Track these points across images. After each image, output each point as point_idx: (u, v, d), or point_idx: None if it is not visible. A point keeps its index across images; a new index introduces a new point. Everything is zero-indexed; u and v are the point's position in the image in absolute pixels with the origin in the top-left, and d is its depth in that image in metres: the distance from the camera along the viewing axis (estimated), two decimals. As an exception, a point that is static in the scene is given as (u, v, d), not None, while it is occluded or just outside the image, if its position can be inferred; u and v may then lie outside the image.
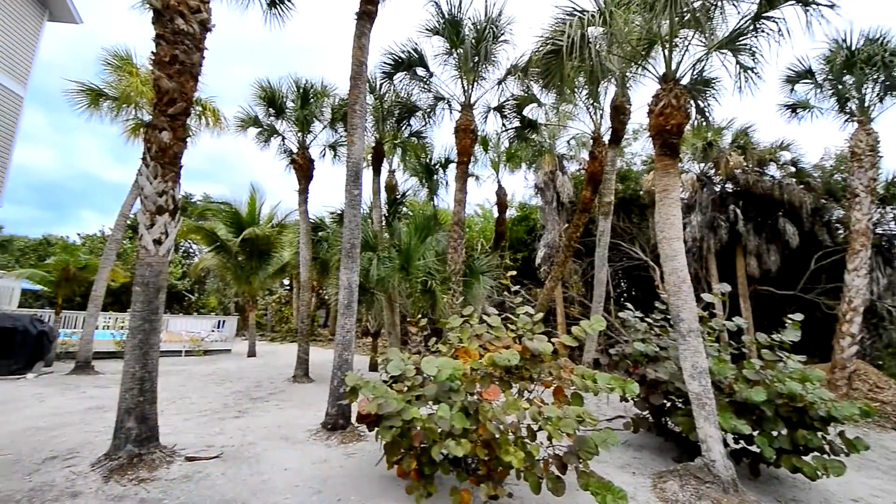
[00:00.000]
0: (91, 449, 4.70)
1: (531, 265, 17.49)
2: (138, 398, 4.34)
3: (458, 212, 9.37)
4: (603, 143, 10.87)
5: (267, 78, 10.79)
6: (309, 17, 9.33)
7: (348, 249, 6.13)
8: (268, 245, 14.83)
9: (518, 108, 11.19)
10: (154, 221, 4.52)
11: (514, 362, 3.98)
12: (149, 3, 5.08)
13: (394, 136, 12.54)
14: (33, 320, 9.56)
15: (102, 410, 6.47)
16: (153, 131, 4.66)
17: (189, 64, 4.90)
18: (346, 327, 5.97)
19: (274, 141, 11.80)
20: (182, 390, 8.23)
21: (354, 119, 6.53)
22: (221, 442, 5.22)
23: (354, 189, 6.35)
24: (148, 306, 4.44)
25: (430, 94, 11.11)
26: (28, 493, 3.65)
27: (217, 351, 15.37)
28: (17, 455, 4.46)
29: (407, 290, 8.40)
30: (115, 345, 12.34)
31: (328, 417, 5.79)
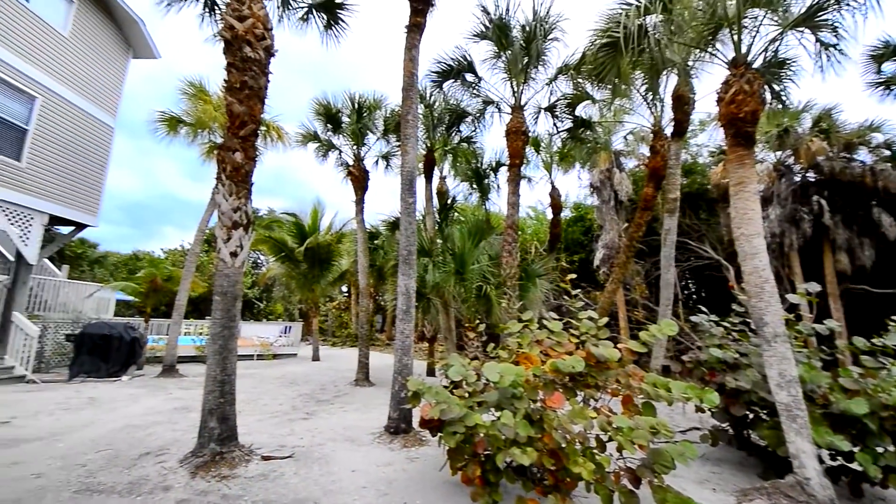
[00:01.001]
0: (179, 446, 5.12)
1: (589, 267, 16.90)
2: (219, 400, 4.69)
3: (512, 215, 9.27)
4: (664, 137, 10.29)
5: (325, 94, 11.36)
6: (361, 33, 9.74)
7: (405, 256, 6.25)
8: (328, 254, 15.51)
9: (570, 106, 10.89)
10: (230, 235, 4.89)
11: (578, 369, 3.84)
12: (220, 35, 5.52)
13: (444, 142, 12.69)
14: (127, 328, 10.64)
15: (187, 411, 7.05)
16: (227, 152, 5.04)
17: (256, 88, 5.27)
18: (405, 332, 6.08)
19: (331, 154, 12.37)
20: (255, 392, 8.79)
21: (407, 129, 6.67)
22: (292, 442, 5.49)
23: (409, 197, 6.47)
24: (226, 314, 4.79)
25: (478, 99, 11.13)
26: (127, 486, 4.03)
27: (284, 355, 16.27)
28: (116, 451, 4.95)
29: (462, 294, 8.42)
30: (195, 350, 13.45)
31: (390, 421, 5.91)
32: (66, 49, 10.12)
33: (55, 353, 10.48)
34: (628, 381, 4.04)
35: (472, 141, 12.45)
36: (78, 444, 5.12)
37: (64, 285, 12.85)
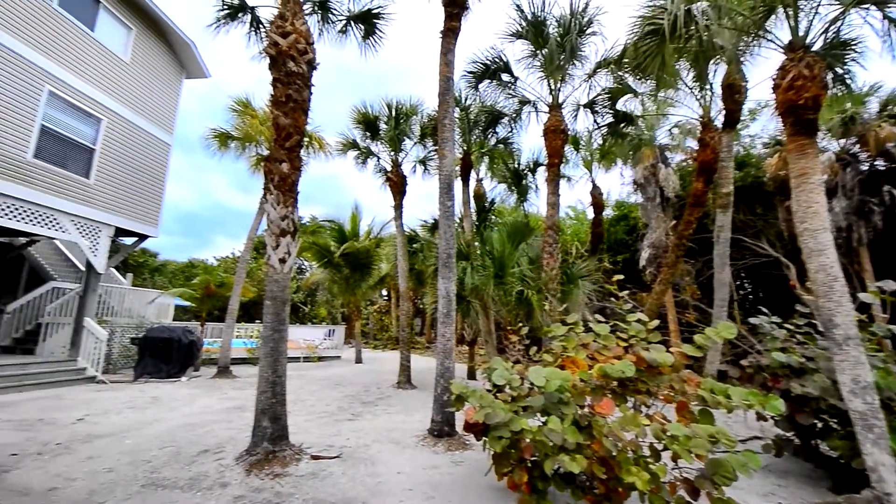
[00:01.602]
0: (234, 444, 5.37)
1: (634, 267, 16.27)
2: (271, 400, 4.88)
3: (552, 215, 9.09)
4: (714, 128, 9.77)
5: (363, 102, 11.66)
6: (397, 39, 9.90)
7: (445, 259, 6.27)
8: (367, 258, 15.85)
9: (611, 101, 10.56)
10: (279, 243, 5.09)
11: (628, 374, 3.69)
12: (265, 52, 5.78)
13: (480, 145, 12.66)
14: (185, 331, 11.31)
15: (241, 410, 7.38)
16: (274, 163, 5.27)
17: (300, 101, 5.47)
18: (447, 336, 6.09)
19: (370, 161, 12.65)
20: (302, 393, 9.09)
21: (444, 133, 6.71)
22: (339, 443, 5.62)
23: (448, 200, 6.50)
24: (276, 318, 4.99)
25: (514, 99, 11.01)
26: (188, 481, 4.26)
27: (329, 357, 16.75)
28: (177, 448, 5.26)
29: (502, 298, 8.34)
30: (247, 352, 14.12)
31: (434, 424, 5.93)
32: (127, 73, 10.95)
33: (121, 356, 11.32)
34: (683, 386, 3.84)
35: (509, 142, 12.35)
36: (143, 440, 5.48)
37: (128, 292, 13.86)
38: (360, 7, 7.37)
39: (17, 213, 8.50)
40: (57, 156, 9.27)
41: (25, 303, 11.21)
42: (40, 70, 8.81)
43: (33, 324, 11.11)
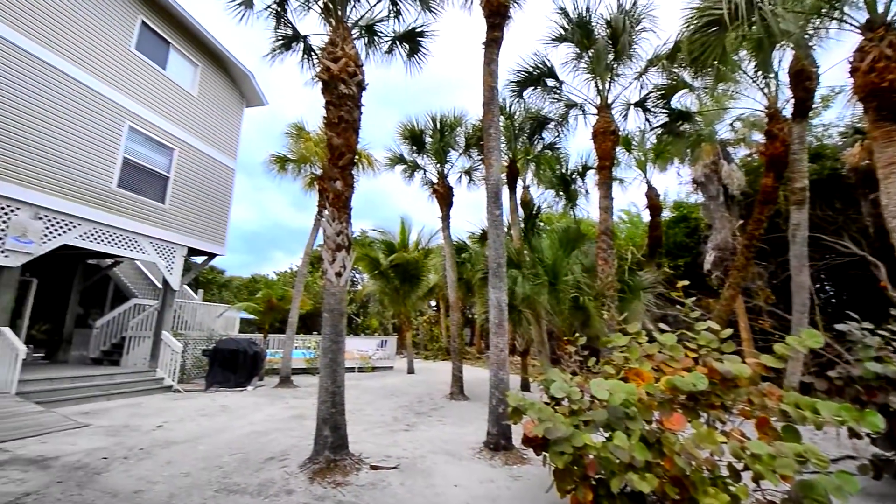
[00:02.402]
0: (297, 452, 5.57)
1: (697, 272, 15.26)
2: (331, 410, 5.03)
3: (605, 220, 8.76)
4: (782, 119, 9.06)
5: (408, 118, 11.95)
6: (440, 54, 10.05)
7: (495, 268, 6.21)
8: (416, 269, 16.07)
9: (664, 98, 10.09)
10: (335, 257, 5.28)
11: (700, 387, 3.43)
12: (318, 77, 6.09)
13: (526, 151, 12.54)
14: (250, 343, 11.98)
15: (302, 419, 7.67)
16: (328, 182, 5.49)
17: (351, 121, 5.69)
18: (500, 346, 6.01)
19: (417, 174, 12.90)
20: (358, 403, 9.30)
21: (490, 142, 6.70)
22: (396, 453, 5.67)
23: (496, 209, 6.46)
24: (334, 329, 5.16)
25: (560, 103, 10.82)
26: (257, 487, 4.45)
27: (382, 368, 17.06)
28: (245, 454, 5.52)
29: (555, 307, 8.11)
30: (305, 362, 14.71)
31: (489, 437, 5.83)
32: (195, 106, 11.95)
33: (194, 366, 12.18)
34: (763, 400, 3.52)
35: (556, 147, 12.13)
36: (215, 446, 5.82)
37: (199, 307, 14.92)
38: (405, 27, 7.59)
39: (105, 237, 9.46)
40: (137, 184, 10.24)
41: (111, 318, 12.39)
42: (122, 108, 9.82)
43: (118, 337, 12.23)
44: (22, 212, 7.89)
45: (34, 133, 8.12)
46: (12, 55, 7.81)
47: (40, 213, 8.18)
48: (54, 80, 8.47)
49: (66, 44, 8.69)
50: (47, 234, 8.30)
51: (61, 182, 8.52)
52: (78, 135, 8.88)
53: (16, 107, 7.85)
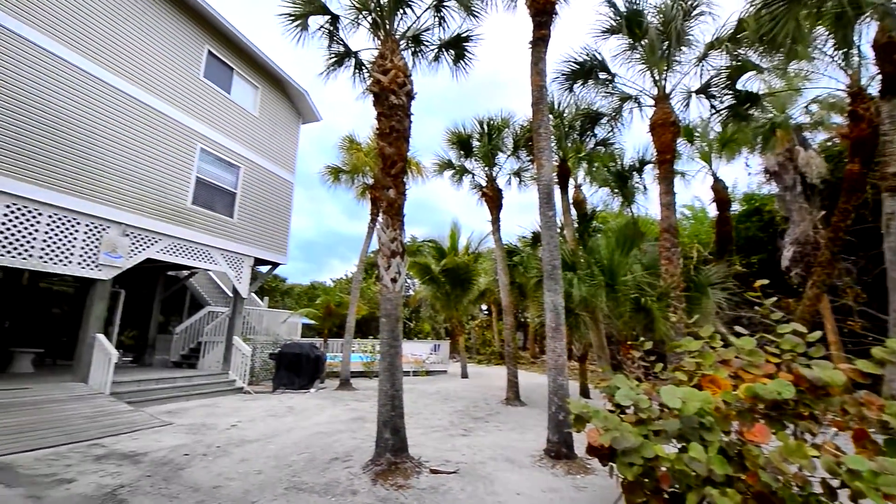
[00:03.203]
0: (360, 454, 5.72)
1: (774, 269, 14.00)
2: (391, 413, 5.12)
3: (668, 217, 8.26)
4: (868, 98, 8.12)
5: (455, 123, 12.03)
6: (485, 57, 10.01)
7: (550, 271, 6.06)
8: (467, 273, 16.09)
9: (729, 82, 9.38)
10: (390, 264, 5.40)
11: (786, 395, 3.12)
12: (369, 90, 6.29)
13: (577, 149, 12.17)
14: (312, 347, 12.53)
15: (362, 421, 7.88)
16: (382, 190, 5.64)
17: (402, 130, 5.82)
18: (557, 351, 5.84)
19: (465, 179, 12.92)
20: (415, 407, 9.41)
21: (540, 142, 6.57)
22: (455, 458, 5.66)
23: (549, 210, 6.31)
24: (391, 334, 5.27)
25: (613, 97, 10.38)
26: (323, 486, 4.62)
27: (436, 372, 17.20)
28: (312, 454, 5.76)
29: (614, 309, 7.76)
30: (362, 366, 15.15)
31: (550, 445, 5.67)
32: (257, 125, 12.77)
33: (262, 369, 12.93)
34: (860, 410, 3.13)
35: (610, 143, 11.66)
36: (284, 446, 6.12)
37: (265, 313, 15.86)
38: (450, 34, 7.65)
39: (182, 250, 10.32)
40: (208, 201, 11.09)
41: (189, 325, 13.47)
42: (194, 131, 10.70)
43: (195, 342, 13.27)
44: (111, 230, 8.80)
45: (120, 158, 9.04)
46: (100, 90, 8.76)
47: (127, 231, 9.08)
48: (136, 110, 9.40)
49: (146, 76, 9.63)
50: (133, 249, 9.19)
51: (144, 201, 9.42)
52: (157, 158, 9.78)
53: (104, 136, 8.79)
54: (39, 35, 7.76)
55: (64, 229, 8.02)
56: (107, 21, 8.88)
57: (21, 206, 7.42)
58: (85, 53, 8.48)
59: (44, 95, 7.78)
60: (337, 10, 7.12)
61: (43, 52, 7.81)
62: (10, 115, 7.32)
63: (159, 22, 9.96)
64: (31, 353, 10.19)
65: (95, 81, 8.63)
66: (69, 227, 8.10)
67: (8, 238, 7.24)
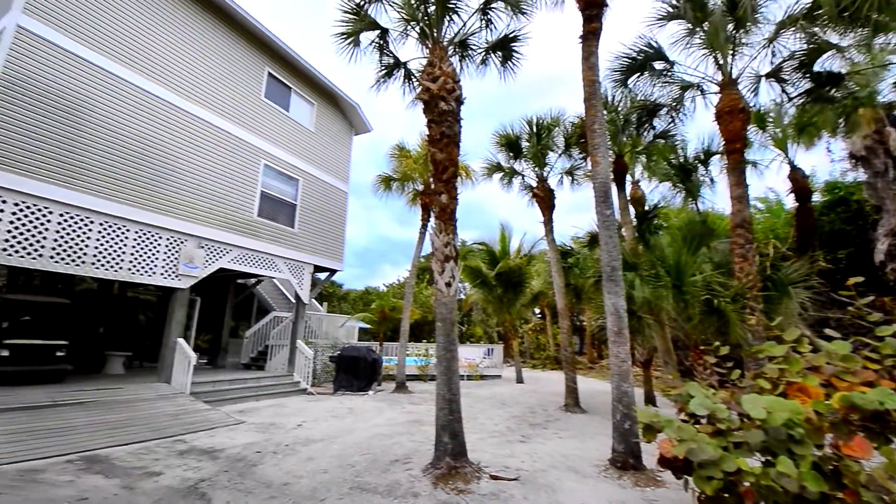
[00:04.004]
0: (419, 456, 5.78)
1: (865, 264, 12.54)
2: (449, 417, 5.14)
3: (740, 210, 7.62)
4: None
5: (503, 125, 11.92)
6: (533, 56, 9.83)
7: (609, 272, 5.82)
8: (519, 276, 15.84)
9: (806, 62, 8.55)
10: (444, 268, 5.44)
11: (889, 405, 2.78)
12: (419, 98, 6.40)
13: (634, 144, 11.63)
14: (368, 350, 12.90)
15: (420, 424, 7.97)
16: (434, 196, 5.70)
17: (452, 135, 5.86)
18: (621, 356, 5.58)
19: (515, 180, 12.76)
20: (471, 411, 9.37)
21: (595, 139, 6.35)
22: (514, 465, 5.56)
23: (606, 209, 6.07)
24: (447, 338, 5.29)
25: (673, 87, 9.81)
26: (386, 488, 4.71)
27: (490, 376, 17.06)
28: (373, 455, 5.90)
29: (682, 311, 7.28)
30: (417, 369, 15.35)
31: (616, 454, 5.42)
32: (313, 139, 13.42)
33: (323, 371, 13.48)
34: None
35: (670, 134, 10.99)
36: (346, 446, 6.32)
37: (324, 318, 16.55)
38: (497, 36, 7.60)
39: (250, 260, 11.04)
40: (271, 213, 11.79)
41: (256, 329, 14.35)
42: (258, 149, 11.44)
43: (263, 345, 14.10)
44: (188, 242, 9.58)
45: (194, 176, 9.85)
46: (176, 115, 9.60)
47: (202, 243, 9.85)
48: (207, 131, 10.21)
49: (215, 100, 10.44)
50: (208, 259, 9.95)
51: (216, 215, 10.19)
52: (226, 175, 10.56)
53: (180, 156, 9.61)
54: (127, 71, 8.66)
55: (148, 243, 8.85)
56: (182, 52, 9.74)
57: (112, 224, 8.28)
58: (165, 84, 9.35)
59: (129, 123, 8.66)
60: (386, 24, 7.33)
61: (130, 86, 8.70)
62: (102, 143, 8.21)
63: (226, 49, 10.78)
64: (121, 356, 11.31)
65: (171, 107, 9.48)
66: (153, 241, 8.93)
67: (101, 252, 8.10)
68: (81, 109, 7.88)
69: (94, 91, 8.09)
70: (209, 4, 10.33)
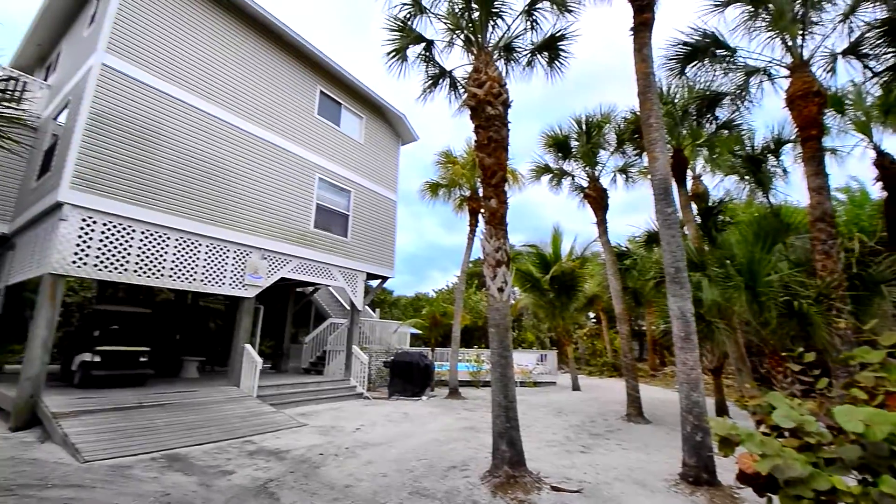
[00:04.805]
0: (476, 463, 5.73)
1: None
2: (506, 424, 5.06)
3: (820, 203, 6.90)
4: None
5: (550, 126, 11.69)
6: (580, 53, 9.52)
7: (673, 274, 5.50)
8: (572, 280, 15.39)
9: (888, 36, 7.68)
10: (496, 273, 5.40)
11: None
12: (465, 104, 6.44)
13: (693, 136, 10.94)
14: (421, 356, 13.03)
15: (475, 430, 7.92)
16: (484, 201, 5.69)
17: (500, 139, 5.83)
18: (689, 363, 5.23)
19: (564, 181, 12.46)
20: (526, 419, 9.11)
21: (651, 133, 6.05)
22: (576, 476, 5.37)
23: (667, 207, 5.75)
24: (501, 344, 5.23)
25: (736, 73, 9.15)
26: (444, 494, 4.70)
27: (544, 383, 16.66)
28: (430, 461, 5.92)
29: (756, 314, 6.70)
30: (469, 375, 15.31)
31: (687, 469, 5.08)
32: (363, 152, 13.88)
33: (377, 376, 13.80)
34: None
35: (735, 124, 10.21)
36: (404, 451, 6.40)
37: (377, 324, 16.97)
38: (543, 36, 7.48)
39: (308, 269, 11.56)
40: (326, 223, 12.30)
41: (314, 335, 14.97)
42: (313, 163, 12.01)
43: (320, 351, 14.68)
44: (253, 254, 10.20)
45: (256, 192, 10.49)
46: (238, 136, 10.29)
47: (265, 254, 10.45)
48: (266, 149, 10.86)
49: (272, 120, 11.09)
50: (270, 270, 10.54)
51: (276, 228, 10.78)
52: (285, 190, 11.16)
53: (243, 174, 10.28)
54: (193, 97, 9.43)
55: (218, 256, 9.52)
56: (242, 76, 10.47)
57: (186, 239, 8.99)
58: (227, 107, 10.07)
59: (196, 145, 9.39)
60: (431, 36, 7.44)
61: (196, 111, 9.45)
62: (173, 165, 8.95)
63: (282, 72, 11.45)
64: (196, 361, 12.23)
65: (234, 129, 10.18)
66: (221, 254, 9.60)
67: (178, 266, 8.82)
68: (155, 135, 8.66)
69: (164, 118, 8.86)
70: (267, 31, 11.03)
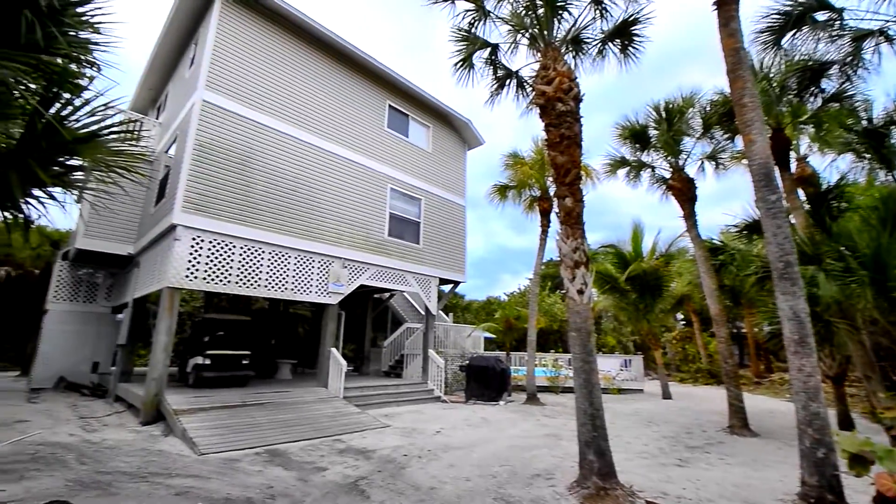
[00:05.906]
0: (561, 472, 5.52)
1: None
2: (592, 433, 4.82)
3: (970, 179, 5.81)
4: None
5: (625, 116, 11.05)
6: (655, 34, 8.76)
7: (782, 269, 4.88)
8: (656, 279, 14.36)
9: None
10: (574, 275, 5.19)
11: None
12: (534, 103, 6.30)
13: (795, 113, 9.69)
14: (497, 360, 12.91)
15: (557, 438, 7.65)
16: (559, 200, 5.50)
17: (572, 136, 5.61)
18: (806, 370, 4.59)
19: (643, 174, 11.68)
20: (613, 428, 8.56)
21: (746, 114, 5.46)
22: (673, 492, 4.95)
23: (770, 194, 5.13)
24: (584, 349, 5.00)
25: (843, 39, 7.98)
26: (530, 502, 4.58)
27: (629, 390, 15.67)
28: (512, 467, 5.80)
29: (888, 313, 5.72)
30: (546, 380, 14.86)
31: (806, 488, 4.45)
32: (431, 160, 14.18)
33: (454, 380, 13.91)
34: None
35: (846, 96, 8.87)
36: (485, 456, 6.36)
37: (451, 328, 17.14)
38: (614, 22, 7.10)
39: (384, 276, 12.03)
40: (399, 232, 12.73)
41: (392, 340, 15.51)
42: (385, 175, 12.50)
43: (398, 355, 15.16)
44: (335, 264, 10.83)
45: (335, 205, 11.14)
46: (319, 155, 11.02)
47: (345, 263, 11.06)
48: (343, 165, 11.51)
49: (347, 137, 11.75)
50: (351, 277, 11.13)
51: (354, 238, 11.37)
52: (361, 202, 11.74)
53: (323, 189, 10.97)
54: (279, 122, 10.29)
55: (304, 266, 10.25)
56: (320, 99, 11.22)
57: (277, 252, 9.80)
58: (308, 128, 10.84)
59: (282, 166, 10.20)
60: (496, 40, 7.40)
61: (282, 135, 10.28)
62: (264, 185, 9.80)
63: (354, 91, 12.10)
64: (289, 364, 13.24)
65: (314, 148, 10.92)
66: (307, 265, 10.32)
67: (272, 276, 9.62)
68: (249, 160, 9.56)
69: (256, 143, 9.75)
70: (338, 54, 11.74)
